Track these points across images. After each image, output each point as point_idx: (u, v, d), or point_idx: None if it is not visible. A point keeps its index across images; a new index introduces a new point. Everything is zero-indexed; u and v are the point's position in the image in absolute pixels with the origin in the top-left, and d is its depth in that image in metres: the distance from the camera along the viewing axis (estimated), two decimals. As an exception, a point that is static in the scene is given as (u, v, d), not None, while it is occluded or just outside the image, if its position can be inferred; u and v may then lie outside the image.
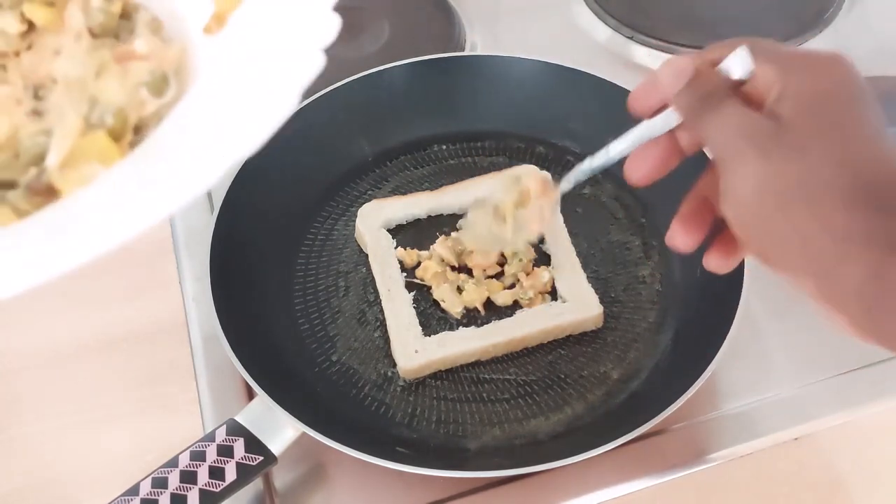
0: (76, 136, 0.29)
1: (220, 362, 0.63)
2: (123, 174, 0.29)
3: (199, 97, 0.32)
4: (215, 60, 0.34)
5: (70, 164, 0.29)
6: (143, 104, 0.32)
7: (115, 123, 0.30)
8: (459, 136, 0.79)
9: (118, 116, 0.30)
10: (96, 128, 0.30)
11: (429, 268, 0.67)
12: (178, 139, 0.30)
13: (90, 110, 0.30)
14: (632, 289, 0.67)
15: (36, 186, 0.29)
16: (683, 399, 0.55)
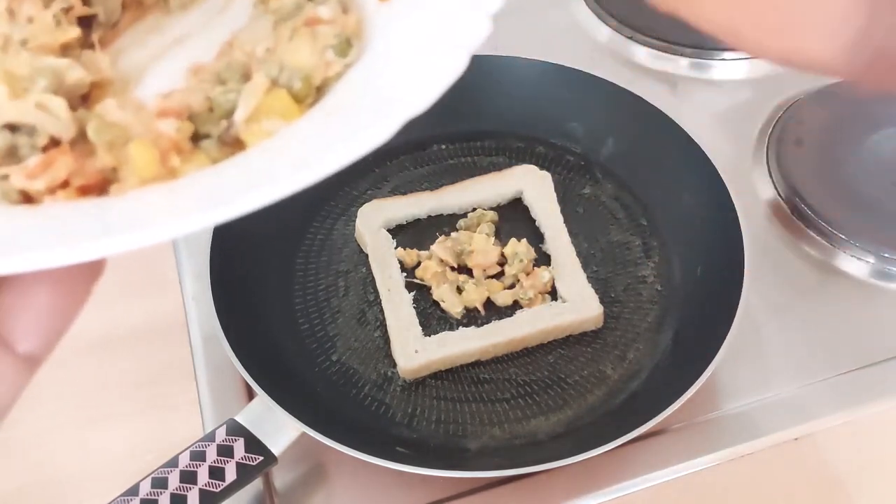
0: (261, 95, 0.32)
1: (220, 362, 0.63)
2: (303, 129, 0.32)
3: (374, 60, 0.35)
4: (388, 26, 0.36)
5: (255, 119, 0.32)
6: (328, 65, 0.34)
7: (301, 86, 0.33)
8: (459, 135, 0.78)
9: (305, 80, 0.33)
10: (281, 88, 0.33)
11: (428, 268, 0.67)
12: (353, 98, 0.33)
13: (279, 73, 0.33)
14: (632, 289, 0.67)
15: (225, 138, 0.32)
16: (683, 399, 0.55)
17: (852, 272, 0.69)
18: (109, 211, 0.29)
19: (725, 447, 0.59)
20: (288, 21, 0.36)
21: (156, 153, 0.31)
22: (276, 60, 0.34)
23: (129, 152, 0.31)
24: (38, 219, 0.30)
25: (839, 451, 0.60)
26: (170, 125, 0.32)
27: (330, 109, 0.33)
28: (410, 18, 0.35)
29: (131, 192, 0.30)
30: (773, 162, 0.76)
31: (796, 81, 0.84)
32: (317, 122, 0.32)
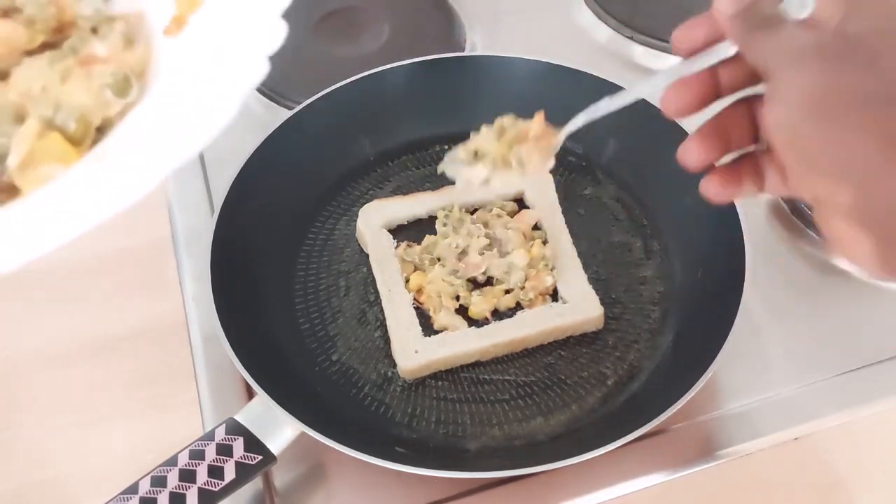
0: (34, 139, 0.31)
1: (220, 362, 0.63)
2: (81, 173, 0.31)
3: (155, 98, 0.34)
4: (174, 61, 0.35)
5: (30, 164, 0.31)
6: (107, 105, 0.33)
7: (77, 127, 0.32)
8: (460, 136, 0.78)
9: (80, 120, 0.32)
10: (55, 130, 0.32)
11: (428, 293, 0.66)
12: (132, 138, 0.32)
13: (54, 114, 0.32)
14: (633, 290, 0.67)
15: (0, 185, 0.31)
16: (683, 401, 0.55)
17: (852, 272, 0.69)
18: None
19: (725, 447, 0.59)
20: (63, 60, 0.34)
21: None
22: (51, 100, 0.33)
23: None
24: None
25: (839, 451, 0.60)
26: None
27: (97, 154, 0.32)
28: (195, 55, 0.35)
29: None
30: (774, 162, 0.76)
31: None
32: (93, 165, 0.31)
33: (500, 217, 0.69)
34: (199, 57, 0.35)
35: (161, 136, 0.31)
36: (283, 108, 0.82)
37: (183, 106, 0.32)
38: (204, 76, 0.33)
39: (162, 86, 0.34)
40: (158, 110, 0.33)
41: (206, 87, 0.33)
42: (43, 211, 0.29)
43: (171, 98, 0.33)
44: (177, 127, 0.31)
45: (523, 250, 0.66)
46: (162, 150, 0.30)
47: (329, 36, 0.89)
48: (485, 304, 0.65)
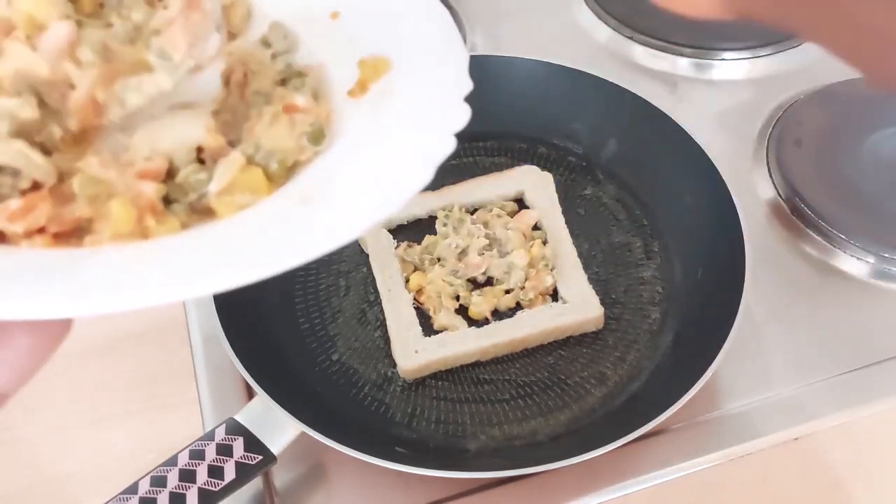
0: (237, 171, 0.34)
1: (220, 362, 0.63)
2: (275, 211, 0.34)
3: (344, 154, 0.36)
4: (357, 123, 0.38)
5: (228, 192, 0.34)
6: (302, 150, 0.36)
7: (277, 167, 0.35)
8: (460, 135, 0.77)
9: (281, 163, 0.36)
10: (257, 166, 0.35)
11: (428, 293, 0.66)
12: (325, 191, 0.34)
13: (255, 152, 0.35)
14: (633, 290, 0.67)
15: (196, 206, 0.34)
16: (683, 401, 0.55)
17: (852, 272, 0.69)
18: (84, 270, 0.31)
19: (725, 447, 0.59)
20: (268, 105, 0.37)
21: (134, 212, 0.33)
22: (253, 141, 0.36)
23: (110, 208, 0.32)
24: (16, 266, 0.31)
25: (839, 451, 0.60)
26: (150, 187, 0.34)
27: (301, 197, 0.34)
28: (380, 122, 0.37)
29: (105, 246, 0.32)
30: (773, 162, 0.76)
31: (796, 81, 0.84)
32: (288, 207, 0.34)
33: (500, 217, 0.69)
34: (386, 123, 0.37)
35: (362, 191, 0.34)
36: (283, 108, 0.82)
37: (380, 166, 0.35)
38: (394, 141, 0.36)
39: (349, 142, 0.37)
40: (350, 167, 0.35)
41: (398, 151, 0.35)
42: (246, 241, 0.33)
43: (362, 158, 0.36)
44: (376, 185, 0.34)
45: (523, 250, 0.66)
46: (364, 204, 0.32)
47: (329, 36, 0.89)
48: (485, 304, 0.65)
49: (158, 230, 0.33)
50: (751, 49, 0.87)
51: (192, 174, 0.35)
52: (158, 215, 0.33)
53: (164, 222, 0.33)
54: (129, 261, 0.31)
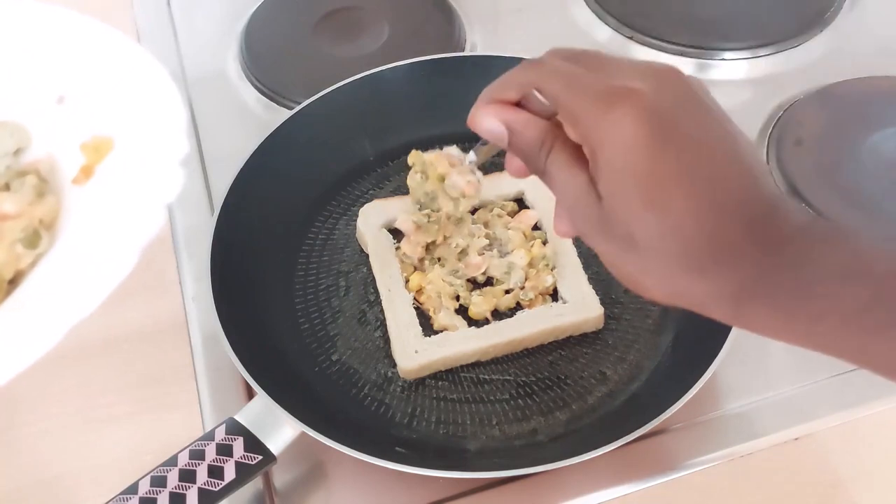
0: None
1: (220, 362, 0.63)
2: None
3: (62, 249, 0.36)
4: (81, 211, 0.38)
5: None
6: (19, 258, 0.35)
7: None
8: (460, 136, 0.78)
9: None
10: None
11: (428, 293, 0.66)
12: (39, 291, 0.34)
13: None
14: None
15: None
16: (683, 401, 0.55)
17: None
18: None
19: (725, 447, 0.59)
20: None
21: None
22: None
23: None
24: None
25: (839, 451, 0.60)
26: None
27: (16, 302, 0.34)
28: (97, 204, 0.37)
29: None
30: (773, 162, 0.76)
31: (796, 81, 0.84)
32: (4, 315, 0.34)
33: (501, 217, 0.69)
34: (103, 206, 0.37)
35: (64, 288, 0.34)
36: (283, 108, 0.82)
37: (85, 257, 0.35)
38: (106, 225, 0.36)
39: (69, 236, 0.37)
40: (64, 262, 0.35)
41: (107, 237, 0.35)
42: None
43: (75, 249, 0.36)
44: (78, 280, 0.34)
45: (523, 250, 0.66)
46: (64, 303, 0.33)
47: (329, 36, 0.89)
48: (485, 304, 0.65)
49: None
50: (751, 49, 0.87)
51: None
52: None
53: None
54: None
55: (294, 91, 0.82)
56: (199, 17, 0.95)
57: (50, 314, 0.32)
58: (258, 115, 0.83)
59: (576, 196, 0.40)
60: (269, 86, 0.84)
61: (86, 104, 0.40)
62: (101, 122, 0.39)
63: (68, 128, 0.39)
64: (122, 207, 0.36)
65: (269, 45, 0.88)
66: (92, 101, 0.40)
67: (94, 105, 0.40)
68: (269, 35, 0.89)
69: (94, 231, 0.36)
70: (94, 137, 0.39)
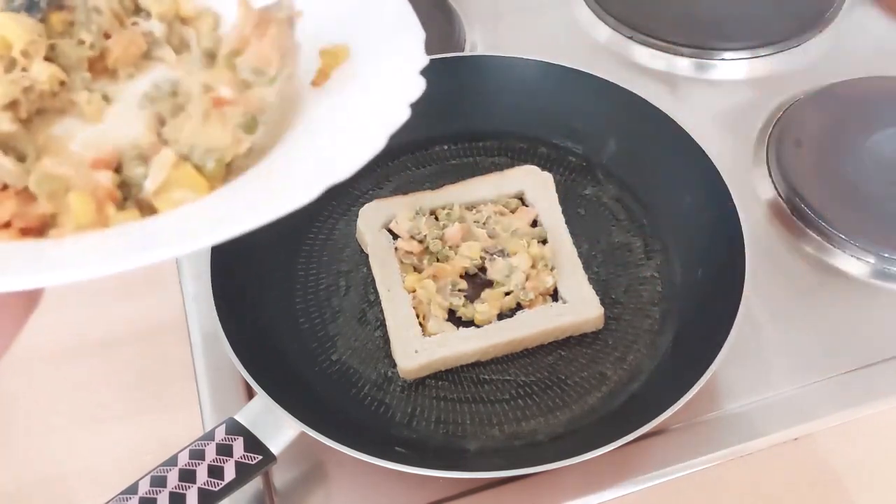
0: (169, 170, 0.35)
1: (220, 362, 0.63)
2: (227, 192, 0.35)
3: (297, 139, 0.37)
4: (317, 105, 0.39)
5: (165, 189, 0.35)
6: (239, 143, 0.37)
7: (214, 166, 0.36)
8: (461, 136, 0.79)
9: (218, 161, 0.36)
10: (187, 163, 0.36)
11: (419, 298, 0.65)
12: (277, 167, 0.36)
13: (189, 151, 0.36)
14: (633, 290, 0.67)
15: (143, 203, 0.35)
16: (683, 401, 0.55)
17: (852, 272, 0.69)
18: (48, 250, 0.32)
19: (725, 447, 0.59)
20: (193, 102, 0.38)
21: (93, 203, 0.34)
22: (187, 140, 0.36)
23: (69, 201, 0.34)
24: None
25: (839, 451, 0.60)
26: (105, 176, 0.35)
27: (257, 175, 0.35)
28: (338, 104, 0.38)
29: (68, 236, 0.33)
30: (773, 162, 0.76)
31: (796, 81, 0.84)
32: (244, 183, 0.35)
33: (503, 215, 0.69)
34: (343, 104, 0.38)
35: (314, 160, 0.35)
36: (283, 108, 0.82)
37: (333, 139, 0.36)
38: (349, 117, 0.37)
39: (309, 126, 0.38)
40: (310, 143, 0.37)
41: (352, 124, 0.37)
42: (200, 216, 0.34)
43: (314, 139, 0.37)
44: (328, 154, 0.35)
45: (524, 253, 0.66)
46: (316, 170, 0.34)
47: (329, 36, 0.89)
48: (491, 310, 0.64)
49: (119, 219, 0.34)
50: (751, 49, 0.87)
51: (134, 168, 0.35)
52: (118, 204, 0.34)
53: (123, 211, 0.34)
54: (87, 241, 0.32)
55: (294, 91, 0.82)
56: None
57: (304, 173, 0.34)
58: (258, 114, 0.83)
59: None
60: (269, 86, 0.84)
61: (322, 15, 0.41)
62: (338, 30, 0.41)
63: (306, 37, 0.40)
64: (362, 101, 0.38)
65: (269, 44, 0.88)
66: (328, 13, 0.42)
67: (330, 16, 0.42)
68: (269, 35, 0.89)
69: (335, 119, 0.37)
70: (331, 44, 0.40)
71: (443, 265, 0.66)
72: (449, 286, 0.65)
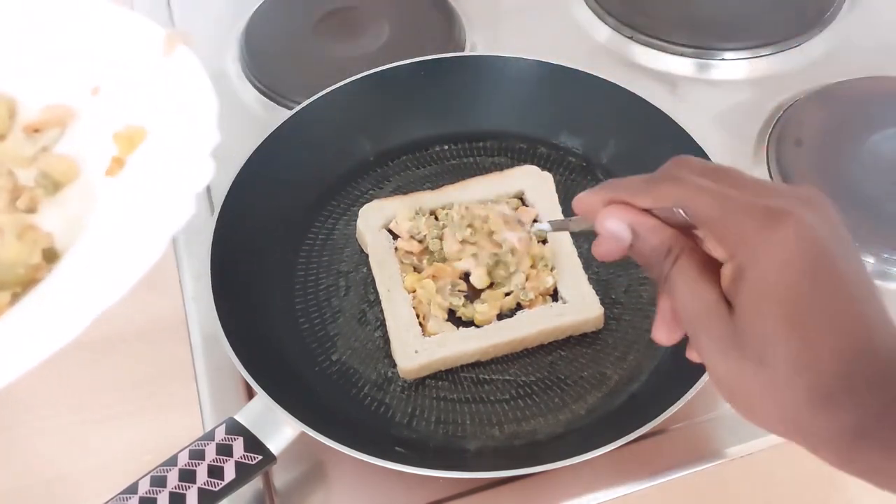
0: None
1: (220, 362, 0.63)
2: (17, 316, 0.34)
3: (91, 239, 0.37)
4: (111, 202, 0.38)
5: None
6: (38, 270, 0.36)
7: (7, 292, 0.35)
8: (461, 136, 0.79)
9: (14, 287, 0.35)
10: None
11: (419, 298, 0.65)
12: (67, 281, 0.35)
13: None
14: (633, 290, 0.67)
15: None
16: (683, 401, 0.55)
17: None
18: None
19: (725, 447, 0.59)
20: None
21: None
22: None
23: None
24: None
25: (839, 451, 0.60)
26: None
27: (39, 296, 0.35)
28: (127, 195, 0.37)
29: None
30: (773, 162, 0.76)
31: (796, 81, 0.84)
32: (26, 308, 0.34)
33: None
34: (135, 196, 0.37)
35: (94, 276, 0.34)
36: (283, 108, 0.82)
37: (116, 246, 0.35)
38: (134, 219, 0.36)
39: (98, 227, 0.37)
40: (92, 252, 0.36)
41: (136, 227, 0.36)
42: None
43: (105, 239, 0.36)
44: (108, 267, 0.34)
45: (525, 255, 0.66)
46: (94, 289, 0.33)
47: (329, 36, 0.89)
48: (491, 310, 0.64)
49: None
50: (751, 49, 0.87)
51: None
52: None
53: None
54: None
55: (294, 91, 0.82)
56: (199, 17, 0.95)
57: (76, 302, 0.33)
58: (258, 115, 0.83)
59: (706, 308, 0.40)
60: (269, 86, 0.84)
61: (119, 95, 0.40)
62: (134, 112, 0.40)
63: (102, 119, 0.39)
64: (153, 197, 0.36)
65: (269, 44, 0.88)
66: (125, 92, 0.41)
67: (127, 96, 0.40)
68: (269, 35, 0.89)
69: (125, 221, 0.36)
70: (127, 127, 0.39)
71: (442, 266, 0.66)
72: (449, 286, 0.65)
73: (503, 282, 0.65)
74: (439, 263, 0.66)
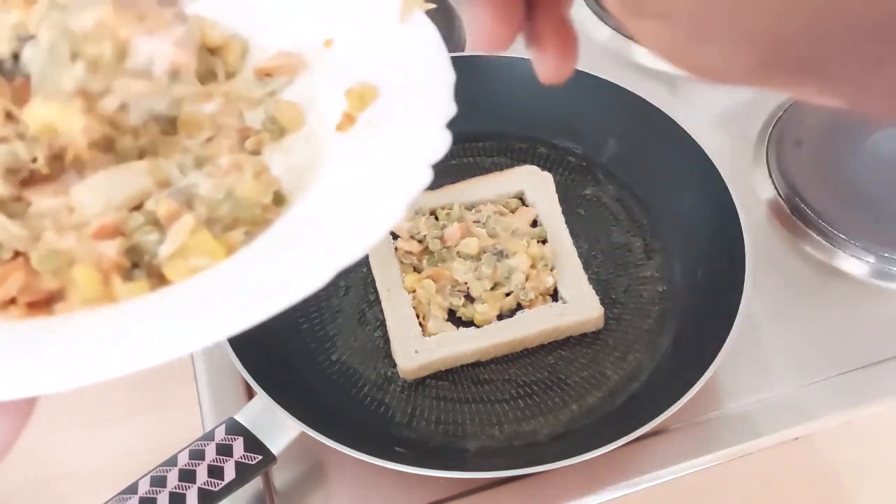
0: (187, 236, 0.33)
1: (220, 362, 0.63)
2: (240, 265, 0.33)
3: (315, 199, 0.35)
4: (340, 161, 0.37)
5: (180, 255, 0.33)
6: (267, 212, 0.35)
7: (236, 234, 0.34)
8: (460, 136, 0.77)
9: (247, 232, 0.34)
10: (205, 230, 0.34)
11: (419, 298, 0.65)
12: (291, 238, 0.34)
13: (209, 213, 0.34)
14: (633, 290, 0.67)
15: (154, 270, 0.33)
16: (683, 401, 0.55)
17: (852, 272, 0.69)
18: (52, 343, 0.31)
19: (725, 447, 0.59)
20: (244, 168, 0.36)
21: (98, 276, 0.32)
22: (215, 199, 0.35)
23: (73, 275, 0.32)
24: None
25: (839, 451, 0.60)
26: (109, 246, 0.33)
27: (277, 242, 0.34)
28: (361, 158, 0.36)
29: (77, 313, 0.31)
30: (773, 162, 0.76)
31: (797, 82, 0.84)
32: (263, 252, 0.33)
33: (503, 215, 0.69)
34: (366, 160, 0.36)
35: (332, 234, 0.33)
36: (283, 108, 0.82)
37: (354, 204, 0.34)
38: (371, 180, 0.35)
39: (331, 184, 0.36)
40: (330, 208, 0.35)
41: (373, 190, 0.34)
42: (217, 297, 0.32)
43: (341, 194, 0.35)
44: (341, 228, 0.33)
45: (525, 255, 0.66)
46: (336, 243, 0.32)
47: (329, 36, 0.89)
48: (490, 311, 0.64)
49: (126, 292, 0.32)
50: (751, 49, 0.87)
51: (144, 234, 0.33)
52: (124, 275, 0.32)
53: (131, 283, 0.32)
54: (97, 329, 0.31)
55: (294, 91, 0.82)
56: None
57: (320, 253, 0.32)
58: (258, 115, 0.83)
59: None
60: (269, 86, 0.84)
61: (352, 51, 0.39)
62: (367, 70, 0.39)
63: (333, 72, 0.39)
64: (388, 160, 0.35)
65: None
66: (358, 49, 0.40)
67: (360, 53, 0.39)
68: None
69: (360, 179, 0.35)
70: (359, 84, 0.38)
71: (441, 270, 0.66)
72: (449, 286, 0.65)
73: (503, 281, 0.65)
74: (438, 267, 0.66)
